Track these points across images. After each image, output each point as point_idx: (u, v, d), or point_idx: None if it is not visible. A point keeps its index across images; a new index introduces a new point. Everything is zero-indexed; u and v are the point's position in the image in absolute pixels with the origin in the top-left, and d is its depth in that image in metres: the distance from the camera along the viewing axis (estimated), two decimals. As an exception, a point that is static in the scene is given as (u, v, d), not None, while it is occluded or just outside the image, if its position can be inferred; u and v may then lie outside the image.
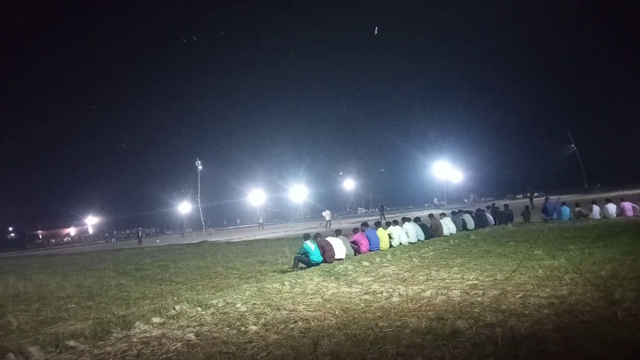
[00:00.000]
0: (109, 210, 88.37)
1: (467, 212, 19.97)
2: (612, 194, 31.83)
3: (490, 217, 20.04)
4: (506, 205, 22.40)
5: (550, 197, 23.30)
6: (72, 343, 6.06)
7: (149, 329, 6.65)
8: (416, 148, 76.98)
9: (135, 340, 6.14)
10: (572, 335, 4.73)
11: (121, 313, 8.19)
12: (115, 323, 6.94)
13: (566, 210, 19.49)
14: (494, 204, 23.50)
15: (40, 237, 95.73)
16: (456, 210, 20.40)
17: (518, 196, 61.05)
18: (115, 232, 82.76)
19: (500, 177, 74.52)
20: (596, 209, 18.62)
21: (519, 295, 6.64)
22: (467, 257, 11.09)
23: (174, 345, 5.71)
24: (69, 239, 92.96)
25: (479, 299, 6.72)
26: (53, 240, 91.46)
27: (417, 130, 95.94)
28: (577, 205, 20.05)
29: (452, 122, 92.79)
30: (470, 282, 8.02)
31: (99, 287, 12.55)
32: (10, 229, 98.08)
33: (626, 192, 32.15)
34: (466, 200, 64.79)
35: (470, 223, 18.64)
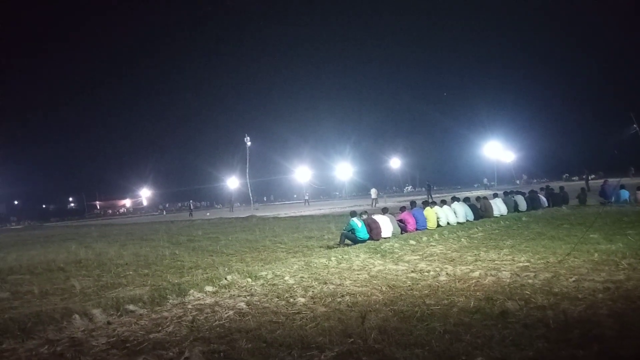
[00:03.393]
0: (162, 184, 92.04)
1: (519, 193, 19.42)
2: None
3: (543, 198, 19.39)
4: (561, 187, 21.58)
5: (609, 180, 22.27)
6: (131, 307, 6.42)
7: (202, 297, 6.95)
8: (466, 127, 75.26)
9: (190, 307, 6.44)
10: (627, 320, 4.59)
11: (176, 281, 8.58)
12: (170, 290, 7.27)
13: (625, 193, 18.58)
14: (547, 186, 22.70)
15: (98, 207, 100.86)
16: (508, 191, 19.86)
17: (574, 178, 58.63)
18: (167, 205, 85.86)
19: (555, 158, 71.76)
20: (658, 193, 17.66)
21: (573, 279, 6.47)
22: (518, 239, 10.83)
23: (226, 313, 5.95)
24: (125, 210, 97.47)
25: (530, 281, 6.60)
26: (110, 211, 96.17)
27: (467, 108, 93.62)
28: (638, 188, 19.06)
29: (505, 100, 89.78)
30: (521, 264, 7.87)
31: (154, 256, 13.15)
32: (70, 199, 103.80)
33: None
34: (518, 182, 62.87)
35: (522, 204, 18.12)
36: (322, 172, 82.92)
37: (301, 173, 76.45)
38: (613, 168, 50.74)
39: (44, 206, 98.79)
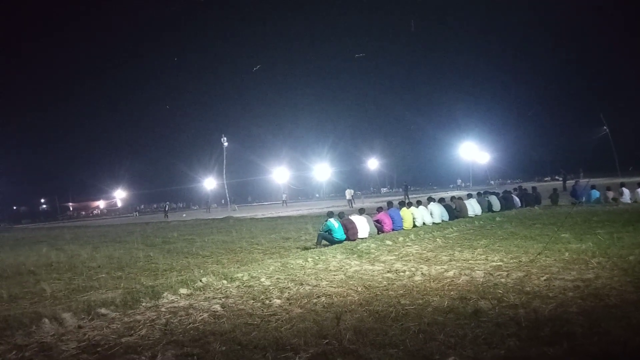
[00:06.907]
0: (137, 185, 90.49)
1: (493, 193, 19.73)
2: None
3: (516, 199, 19.74)
4: (534, 188, 22.02)
5: (580, 180, 22.82)
6: (103, 310, 6.29)
7: (176, 300, 6.86)
8: (442, 129, 76.31)
9: (163, 309, 6.34)
10: (597, 318, 4.69)
11: (150, 283, 8.44)
12: (144, 293, 7.15)
13: (595, 193, 19.06)
14: (520, 186, 23.13)
15: (71, 209, 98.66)
16: (482, 192, 20.17)
17: (546, 178, 59.91)
18: (142, 206, 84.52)
19: (528, 159, 73.25)
20: (627, 192, 18.15)
21: (544, 278, 6.59)
22: (491, 239, 11.00)
23: (200, 316, 5.88)
24: (99, 211, 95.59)
25: (502, 280, 6.70)
26: (83, 213, 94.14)
27: (443, 110, 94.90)
28: (608, 188, 19.58)
29: (480, 102, 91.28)
30: (494, 264, 7.99)
31: (128, 258, 12.92)
32: (42, 200, 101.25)
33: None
34: (492, 182, 63.91)
35: (496, 205, 18.42)
36: (301, 173, 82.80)
37: (279, 174, 76.14)
38: (587, 168, 52.20)
39: (14, 208, 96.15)
